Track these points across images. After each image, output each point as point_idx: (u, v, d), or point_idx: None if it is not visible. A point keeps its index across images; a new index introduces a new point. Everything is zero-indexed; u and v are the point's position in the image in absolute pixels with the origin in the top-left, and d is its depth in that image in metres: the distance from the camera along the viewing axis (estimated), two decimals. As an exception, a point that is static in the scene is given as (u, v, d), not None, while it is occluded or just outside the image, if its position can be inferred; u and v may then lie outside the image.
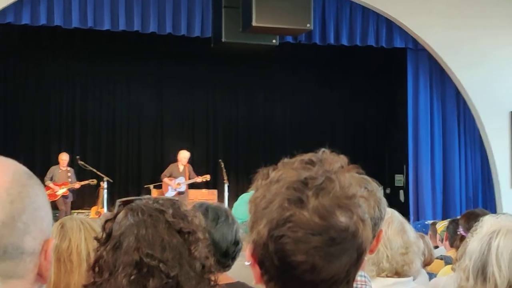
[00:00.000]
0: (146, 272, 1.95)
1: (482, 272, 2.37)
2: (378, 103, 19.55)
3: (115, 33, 15.41)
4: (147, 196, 2.15)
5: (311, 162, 1.53)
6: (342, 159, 1.58)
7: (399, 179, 19.08)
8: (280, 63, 18.50)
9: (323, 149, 1.60)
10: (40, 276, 1.48)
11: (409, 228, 3.25)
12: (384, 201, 2.42)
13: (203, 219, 3.08)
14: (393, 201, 18.30)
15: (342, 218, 1.46)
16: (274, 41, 13.75)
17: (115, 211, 2.08)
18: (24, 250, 1.43)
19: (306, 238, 1.44)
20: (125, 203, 2.08)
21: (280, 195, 1.48)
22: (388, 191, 19.24)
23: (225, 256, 3.17)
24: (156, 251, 1.97)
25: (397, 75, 17.94)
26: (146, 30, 15.10)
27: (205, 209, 3.26)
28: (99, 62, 18.17)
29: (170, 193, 15.85)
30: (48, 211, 1.52)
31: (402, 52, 16.74)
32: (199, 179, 16.06)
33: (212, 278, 2.06)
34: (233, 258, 3.22)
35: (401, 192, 18.79)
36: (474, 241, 2.46)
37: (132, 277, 1.94)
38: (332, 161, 1.55)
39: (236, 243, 3.23)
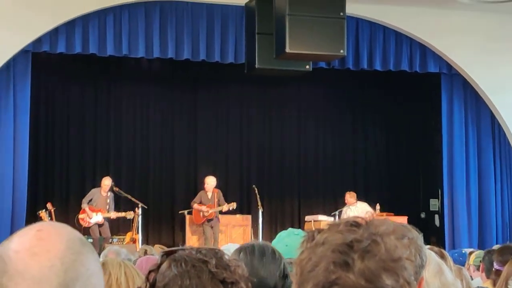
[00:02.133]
0: None
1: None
2: (413, 127, 19.40)
3: (148, 59, 15.56)
4: (189, 246, 2.16)
5: (357, 225, 1.53)
6: (387, 222, 1.58)
7: (434, 204, 18.92)
8: (313, 88, 18.55)
9: (368, 211, 1.61)
10: None
11: (446, 268, 3.22)
12: (425, 249, 2.40)
13: (248, 264, 3.09)
14: (428, 226, 18.19)
15: (388, 281, 1.46)
16: (307, 67, 13.78)
17: (158, 262, 2.09)
18: None
19: None
20: (168, 254, 2.09)
21: (325, 258, 1.48)
22: (423, 215, 19.11)
23: None
24: (200, 302, 1.97)
25: (431, 100, 17.86)
26: (180, 57, 15.26)
27: (251, 246, 3.25)
28: (132, 87, 18.29)
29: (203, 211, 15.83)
30: (100, 278, 1.55)
31: (436, 77, 16.69)
32: (225, 208, 16.00)
33: (256, 328, 2.05)
34: None
35: (436, 216, 18.63)
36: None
37: (178, 329, 1.95)
38: (377, 223, 1.55)
39: (285, 276, 3.20)
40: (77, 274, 1.46)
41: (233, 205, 15.99)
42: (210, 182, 16.15)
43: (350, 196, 15.93)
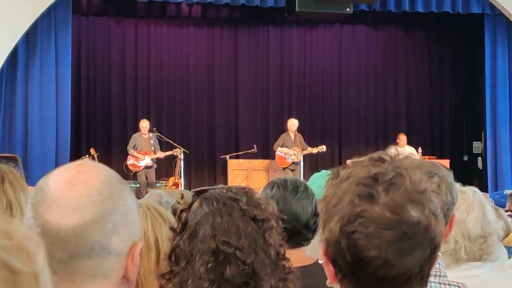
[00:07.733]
0: (223, 260, 1.97)
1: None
2: (456, 69, 19.19)
3: (189, 4, 15.51)
4: (220, 185, 2.18)
5: (381, 160, 1.53)
6: (412, 158, 1.58)
7: (477, 146, 18.76)
8: (354, 31, 18.44)
9: (393, 147, 1.62)
10: (127, 279, 1.54)
11: (489, 212, 3.11)
12: (455, 186, 2.41)
13: (281, 199, 3.10)
14: (471, 168, 18.09)
15: (414, 213, 1.46)
16: (348, 9, 13.68)
17: (189, 201, 2.11)
18: (111, 250, 1.49)
19: (378, 233, 1.45)
20: (199, 193, 2.12)
21: (350, 191, 1.49)
22: (465, 158, 18.98)
23: (306, 227, 3.14)
24: (232, 239, 1.99)
25: (474, 41, 17.64)
26: (220, 1, 15.28)
27: (284, 180, 3.24)
28: (172, 31, 18.26)
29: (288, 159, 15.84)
30: (136, 216, 1.58)
31: (479, 18, 16.45)
32: (315, 151, 15.87)
33: (287, 265, 2.08)
34: (314, 231, 3.18)
35: (479, 159, 18.50)
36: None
37: (210, 265, 1.96)
38: (402, 158, 1.55)
39: (317, 214, 3.19)
40: (114, 207, 1.50)
41: (323, 148, 15.92)
42: (295, 123, 16.12)
43: (403, 139, 15.77)
